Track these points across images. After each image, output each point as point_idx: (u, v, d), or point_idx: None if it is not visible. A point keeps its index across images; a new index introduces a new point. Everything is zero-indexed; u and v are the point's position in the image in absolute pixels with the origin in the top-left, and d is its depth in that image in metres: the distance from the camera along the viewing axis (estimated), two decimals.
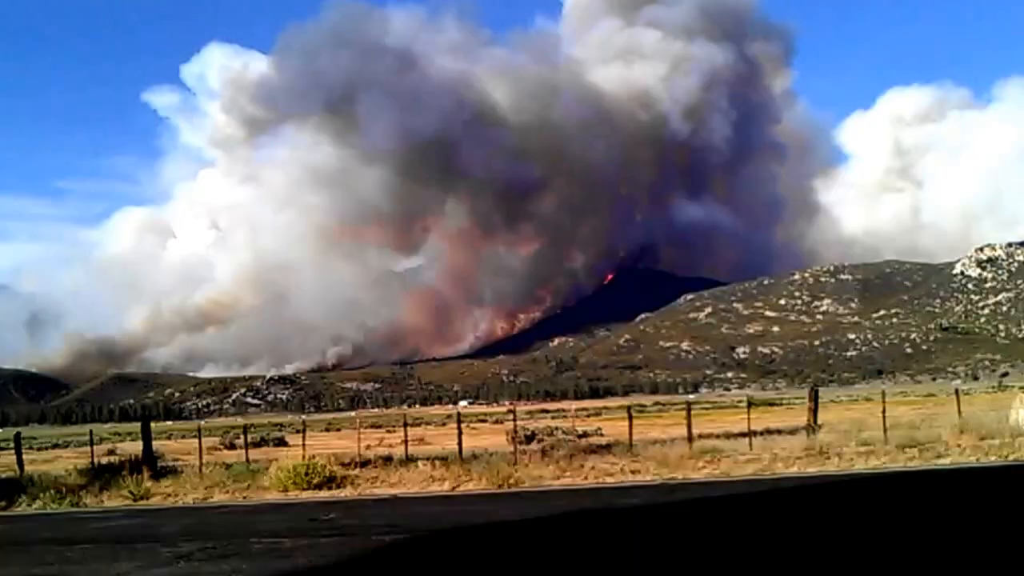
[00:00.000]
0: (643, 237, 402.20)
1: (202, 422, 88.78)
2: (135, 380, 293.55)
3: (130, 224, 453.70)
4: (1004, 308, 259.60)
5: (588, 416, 72.08)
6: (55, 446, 71.32)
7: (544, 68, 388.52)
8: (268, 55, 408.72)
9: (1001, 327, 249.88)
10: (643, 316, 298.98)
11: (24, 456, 34.29)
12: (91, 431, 41.44)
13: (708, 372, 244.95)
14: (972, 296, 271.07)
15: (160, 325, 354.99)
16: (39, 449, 64.96)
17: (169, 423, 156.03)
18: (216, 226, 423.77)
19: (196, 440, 32.67)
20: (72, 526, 17.55)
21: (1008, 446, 22.50)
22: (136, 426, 54.31)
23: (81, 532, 16.29)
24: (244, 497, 21.90)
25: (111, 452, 40.25)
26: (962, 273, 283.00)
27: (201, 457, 28.82)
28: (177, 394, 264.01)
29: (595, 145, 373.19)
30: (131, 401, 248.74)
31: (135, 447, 34.07)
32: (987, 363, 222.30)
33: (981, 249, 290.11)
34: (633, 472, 21.61)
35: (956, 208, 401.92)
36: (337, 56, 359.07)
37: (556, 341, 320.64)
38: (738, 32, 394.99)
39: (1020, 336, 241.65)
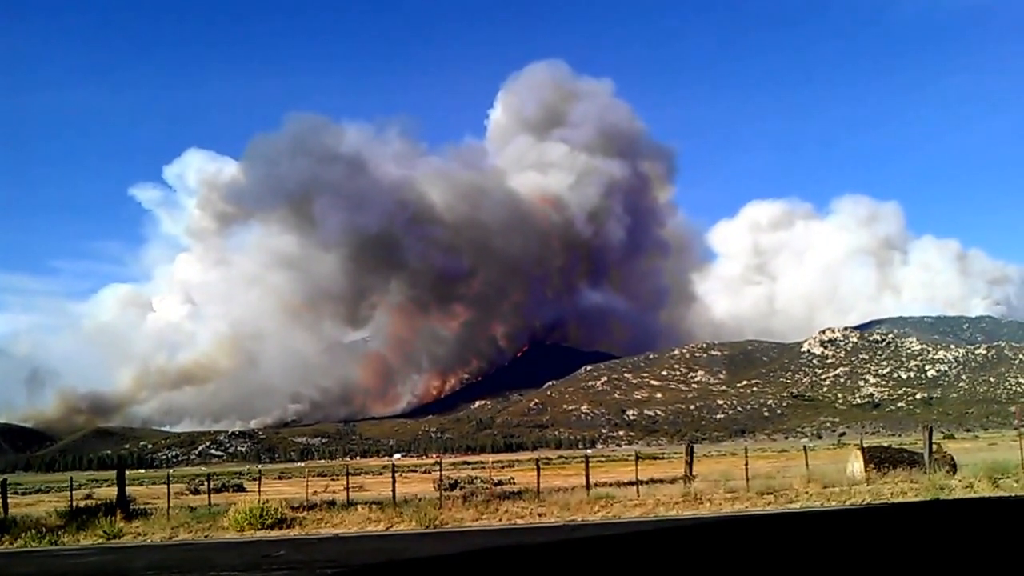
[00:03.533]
0: (554, 315, 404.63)
1: (171, 471, 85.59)
2: (113, 433, 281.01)
3: (115, 299, 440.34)
4: (842, 380, 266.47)
5: (503, 467, 71.41)
6: (38, 491, 67.86)
7: (472, 175, 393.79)
8: (238, 160, 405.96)
9: (839, 395, 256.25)
10: (550, 383, 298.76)
11: (8, 500, 32.55)
12: (71, 478, 39.65)
13: (603, 431, 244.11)
14: (816, 370, 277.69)
15: (146, 383, 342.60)
16: (23, 494, 61.68)
17: (142, 471, 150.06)
18: (191, 301, 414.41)
19: (165, 486, 31.42)
20: (49, 562, 16.62)
21: (846, 492, 22.98)
22: (112, 474, 52.11)
23: (57, 568, 15.44)
24: (206, 536, 21.09)
25: (88, 496, 38.52)
26: (808, 351, 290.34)
27: (169, 501, 27.76)
28: (150, 446, 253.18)
29: (514, 239, 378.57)
30: (109, 452, 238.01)
31: (111, 492, 32.59)
32: (829, 424, 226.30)
33: (823, 332, 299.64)
34: (540, 515, 21.41)
35: (803, 298, 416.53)
36: (297, 161, 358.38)
37: (477, 404, 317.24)
38: (632, 152, 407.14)
39: (854, 403, 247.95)
